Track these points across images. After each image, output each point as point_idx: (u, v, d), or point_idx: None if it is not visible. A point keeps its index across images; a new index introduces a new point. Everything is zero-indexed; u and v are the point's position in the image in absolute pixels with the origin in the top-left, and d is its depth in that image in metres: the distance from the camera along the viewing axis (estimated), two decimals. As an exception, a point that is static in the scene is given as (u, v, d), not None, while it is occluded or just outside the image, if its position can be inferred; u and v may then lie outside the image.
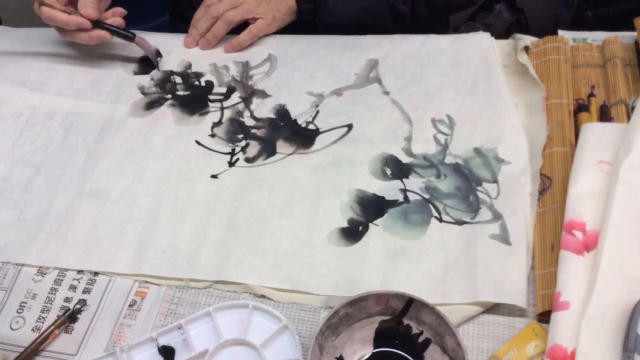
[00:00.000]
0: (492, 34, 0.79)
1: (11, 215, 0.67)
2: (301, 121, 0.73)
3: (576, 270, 0.53)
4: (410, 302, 0.52)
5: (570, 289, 0.52)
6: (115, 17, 0.78)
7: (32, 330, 0.59)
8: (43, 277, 0.63)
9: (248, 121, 0.73)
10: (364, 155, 0.68)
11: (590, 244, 0.54)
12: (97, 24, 0.76)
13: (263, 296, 0.59)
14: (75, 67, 0.82)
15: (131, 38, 0.78)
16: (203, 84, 0.79)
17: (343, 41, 0.81)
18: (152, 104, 0.77)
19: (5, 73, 0.82)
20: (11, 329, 0.59)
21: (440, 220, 0.62)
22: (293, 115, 0.73)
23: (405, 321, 0.53)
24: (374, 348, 0.54)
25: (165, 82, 0.79)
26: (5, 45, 0.87)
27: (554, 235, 0.58)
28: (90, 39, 0.77)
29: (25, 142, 0.74)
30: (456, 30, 1.60)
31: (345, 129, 0.71)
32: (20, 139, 0.75)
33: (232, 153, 0.70)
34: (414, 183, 0.65)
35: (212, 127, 0.73)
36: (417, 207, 0.63)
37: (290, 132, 0.72)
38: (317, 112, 0.73)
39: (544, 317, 0.54)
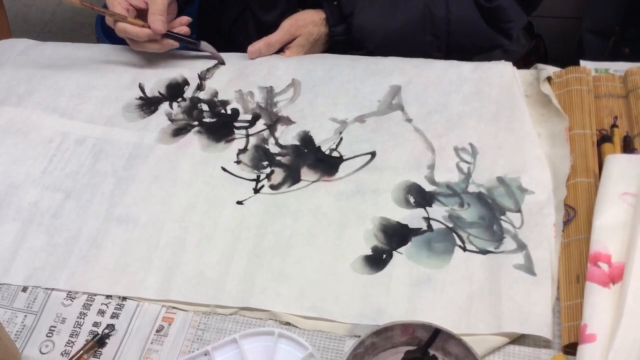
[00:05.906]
0: (510, 60, 0.80)
1: (41, 240, 0.69)
2: (325, 148, 0.74)
3: (602, 302, 0.53)
4: (436, 333, 0.52)
5: (596, 321, 0.52)
6: (182, 25, 0.86)
7: (61, 354, 0.60)
8: (72, 301, 0.64)
9: (273, 148, 0.75)
10: (387, 183, 0.69)
11: (615, 276, 0.55)
12: (166, 33, 0.83)
13: (288, 323, 0.60)
14: (105, 95, 0.84)
15: (196, 45, 0.86)
16: (229, 111, 0.80)
17: (365, 65, 0.82)
18: (179, 131, 0.78)
19: (36, 99, 0.84)
20: (41, 352, 0.60)
21: (464, 249, 0.62)
22: (317, 142, 0.74)
23: (431, 352, 0.53)
24: (400, 378, 0.54)
25: (192, 109, 0.81)
26: (34, 65, 0.89)
27: (579, 266, 0.58)
28: (161, 48, 0.84)
29: (55, 168, 0.76)
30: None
31: (369, 156, 0.72)
32: (50, 164, 0.76)
33: (257, 180, 0.72)
34: (438, 212, 0.66)
35: (238, 154, 0.75)
36: (441, 236, 0.64)
37: (314, 160, 0.73)
38: (341, 139, 0.74)
39: (569, 349, 0.54)
